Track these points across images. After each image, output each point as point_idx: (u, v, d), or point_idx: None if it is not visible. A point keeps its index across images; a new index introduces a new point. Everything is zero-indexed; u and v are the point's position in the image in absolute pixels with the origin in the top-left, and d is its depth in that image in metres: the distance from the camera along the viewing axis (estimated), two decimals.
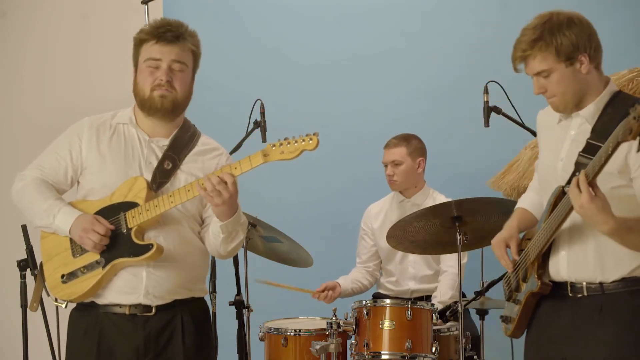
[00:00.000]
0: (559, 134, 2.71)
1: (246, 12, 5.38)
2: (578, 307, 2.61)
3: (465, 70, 5.11)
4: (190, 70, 2.87)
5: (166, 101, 2.81)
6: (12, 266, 3.16)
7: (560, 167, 2.65)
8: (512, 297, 2.82)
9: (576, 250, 2.61)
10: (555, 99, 2.63)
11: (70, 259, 2.83)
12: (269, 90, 4.79)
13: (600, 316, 2.57)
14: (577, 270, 2.61)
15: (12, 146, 5.00)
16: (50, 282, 2.87)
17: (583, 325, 2.60)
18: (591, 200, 2.36)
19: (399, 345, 3.47)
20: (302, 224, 4.83)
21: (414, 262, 4.34)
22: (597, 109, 2.61)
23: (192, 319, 2.88)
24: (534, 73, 2.61)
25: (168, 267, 2.81)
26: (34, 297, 2.96)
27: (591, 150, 2.51)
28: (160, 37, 2.80)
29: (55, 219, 2.80)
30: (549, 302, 2.70)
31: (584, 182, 2.37)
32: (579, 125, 2.65)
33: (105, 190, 2.84)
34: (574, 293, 2.62)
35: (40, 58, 5.13)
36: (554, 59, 2.57)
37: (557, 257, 2.65)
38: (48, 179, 2.89)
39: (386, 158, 4.40)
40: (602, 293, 2.58)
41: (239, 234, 2.83)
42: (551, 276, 2.67)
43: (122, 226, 2.79)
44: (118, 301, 2.80)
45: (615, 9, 4.98)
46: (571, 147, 2.63)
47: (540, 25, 2.60)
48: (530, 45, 2.59)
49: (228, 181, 2.68)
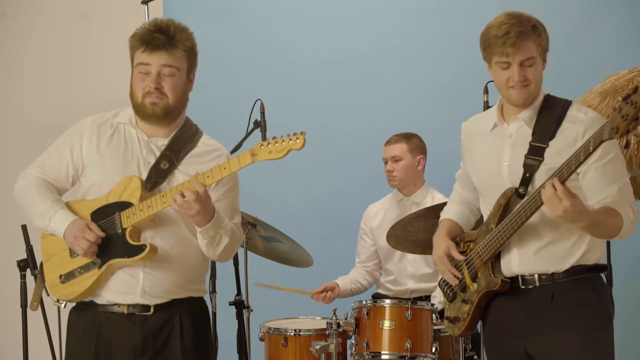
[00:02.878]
0: (494, 140, 2.83)
1: (246, 12, 5.38)
2: (530, 297, 2.72)
3: (465, 70, 5.10)
4: (183, 72, 2.84)
5: (157, 108, 2.82)
6: (12, 266, 3.16)
7: (506, 172, 2.76)
8: (458, 298, 2.90)
9: (527, 247, 2.72)
10: (528, 87, 2.72)
11: (68, 259, 2.84)
12: (269, 90, 4.79)
13: (552, 304, 2.68)
14: (529, 265, 2.72)
15: (13, 146, 5.00)
16: (49, 282, 2.88)
17: (537, 315, 2.70)
18: (573, 205, 2.46)
19: (399, 345, 3.47)
20: (302, 224, 4.83)
21: (412, 261, 4.34)
22: (534, 112, 2.75)
23: (191, 319, 2.88)
24: (525, 58, 2.69)
25: (165, 268, 2.81)
26: (34, 297, 2.97)
27: (535, 152, 2.68)
28: (149, 43, 2.79)
29: (50, 221, 2.82)
30: (500, 298, 2.80)
31: (560, 187, 2.47)
32: (516, 129, 2.77)
33: (103, 188, 2.84)
34: (525, 284, 2.73)
35: (40, 58, 5.13)
36: (540, 52, 2.72)
37: (509, 255, 2.76)
38: (49, 178, 2.89)
39: (386, 154, 4.41)
40: (552, 282, 2.70)
41: (223, 237, 2.81)
42: (502, 273, 2.77)
43: (117, 226, 2.79)
44: (116, 300, 2.81)
45: (615, 8, 4.98)
46: (514, 150, 2.75)
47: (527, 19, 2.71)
48: (532, 31, 2.69)
49: (199, 191, 2.67)
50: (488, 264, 2.78)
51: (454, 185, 3.13)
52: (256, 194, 4.90)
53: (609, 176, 2.63)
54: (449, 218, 3.03)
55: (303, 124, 4.51)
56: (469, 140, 2.98)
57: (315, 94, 5.28)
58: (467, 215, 3.03)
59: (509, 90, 2.73)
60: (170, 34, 2.80)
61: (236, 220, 2.94)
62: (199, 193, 2.66)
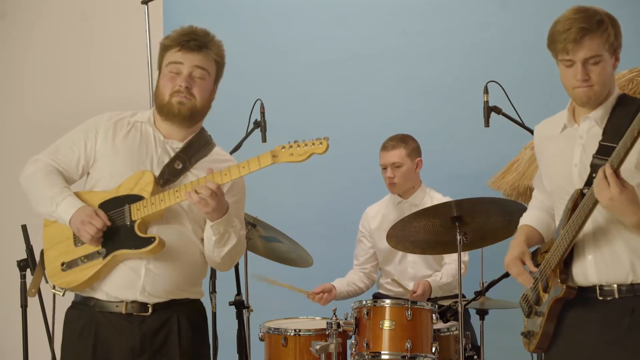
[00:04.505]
0: (564, 142, 2.68)
1: (246, 12, 5.38)
2: (608, 310, 2.53)
3: (465, 70, 5.11)
4: (211, 79, 2.90)
5: (184, 108, 2.84)
6: (12, 266, 3.16)
7: (575, 173, 2.61)
8: (533, 311, 2.73)
9: (604, 252, 2.54)
10: (592, 88, 2.57)
11: (72, 248, 2.83)
12: (269, 90, 4.79)
13: (632, 318, 2.49)
14: (607, 273, 2.54)
15: (13, 146, 5.00)
16: (50, 270, 2.87)
17: (613, 329, 2.51)
18: (621, 192, 2.33)
19: (399, 345, 3.47)
20: (302, 224, 4.83)
21: (413, 263, 4.34)
22: (606, 112, 2.60)
23: (189, 320, 2.88)
24: (589, 56, 2.55)
25: (167, 266, 2.82)
26: (32, 283, 2.96)
27: (605, 152, 2.48)
28: (184, 45, 2.83)
29: (58, 207, 2.81)
30: (575, 310, 2.61)
31: (611, 174, 2.34)
32: (587, 129, 2.63)
33: (112, 181, 2.85)
34: (604, 296, 2.54)
35: (40, 58, 5.13)
36: (608, 48, 2.57)
37: (584, 262, 2.58)
38: (60, 167, 2.90)
39: (385, 160, 4.38)
40: (633, 295, 2.51)
41: (232, 236, 2.83)
42: (577, 282, 2.59)
43: (125, 218, 2.79)
44: (115, 294, 2.80)
45: (615, 8, 4.95)
46: (583, 152, 2.61)
47: (593, 13, 2.57)
48: (597, 26, 2.54)
49: (212, 188, 2.69)
50: (556, 271, 2.59)
51: (533, 192, 2.99)
52: (256, 194, 4.89)
53: None
54: (527, 224, 2.85)
55: (303, 124, 4.53)
56: (540, 145, 2.84)
57: (315, 94, 5.28)
58: (547, 221, 2.84)
59: (573, 90, 2.59)
60: (206, 40, 2.87)
61: (242, 232, 2.95)
62: (212, 190, 2.68)
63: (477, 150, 5.09)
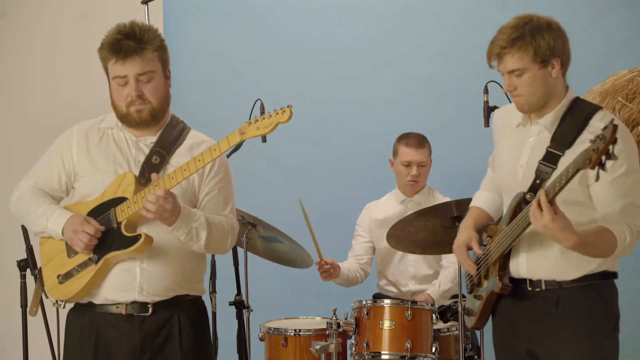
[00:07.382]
0: (517, 138, 2.79)
1: (246, 12, 5.37)
2: (536, 301, 2.73)
3: (465, 70, 5.10)
4: (159, 73, 2.87)
5: (143, 114, 2.85)
6: (12, 266, 3.16)
7: (520, 173, 2.74)
8: (474, 292, 2.93)
9: (535, 253, 2.72)
10: (521, 98, 2.68)
11: (66, 260, 2.85)
12: (269, 90, 4.78)
13: (557, 310, 2.69)
14: (536, 270, 2.73)
15: (12, 146, 4.99)
16: (48, 285, 2.90)
17: (542, 320, 2.72)
18: (553, 221, 2.45)
19: (399, 345, 3.47)
20: (302, 224, 4.82)
21: (414, 262, 4.33)
22: (556, 118, 2.69)
23: (190, 320, 2.89)
24: (508, 70, 2.66)
25: (161, 263, 2.82)
26: (33, 302, 2.99)
27: (551, 159, 2.63)
28: (119, 52, 2.79)
29: (48, 221, 2.83)
30: (508, 298, 2.81)
31: (545, 202, 2.46)
32: (537, 132, 2.72)
33: (97, 191, 2.86)
34: (532, 287, 2.74)
35: (40, 58, 5.12)
36: (530, 60, 2.63)
37: (517, 259, 2.77)
38: (44, 188, 2.92)
39: (412, 157, 4.27)
40: (559, 287, 2.70)
41: (199, 232, 2.80)
42: (512, 273, 2.79)
43: (112, 221, 2.81)
44: (114, 298, 2.81)
45: (615, 8, 4.98)
46: (531, 154, 2.72)
47: (521, 25, 2.65)
48: (510, 44, 2.63)
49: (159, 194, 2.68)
50: (496, 264, 2.78)
51: (487, 170, 3.11)
52: (256, 194, 4.90)
53: (615, 192, 2.57)
54: (478, 206, 3.01)
55: (303, 124, 4.52)
56: (497, 130, 2.96)
57: (315, 94, 5.27)
58: (497, 201, 2.99)
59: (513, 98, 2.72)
60: (137, 36, 2.81)
61: (227, 211, 2.94)
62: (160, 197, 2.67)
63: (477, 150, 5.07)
